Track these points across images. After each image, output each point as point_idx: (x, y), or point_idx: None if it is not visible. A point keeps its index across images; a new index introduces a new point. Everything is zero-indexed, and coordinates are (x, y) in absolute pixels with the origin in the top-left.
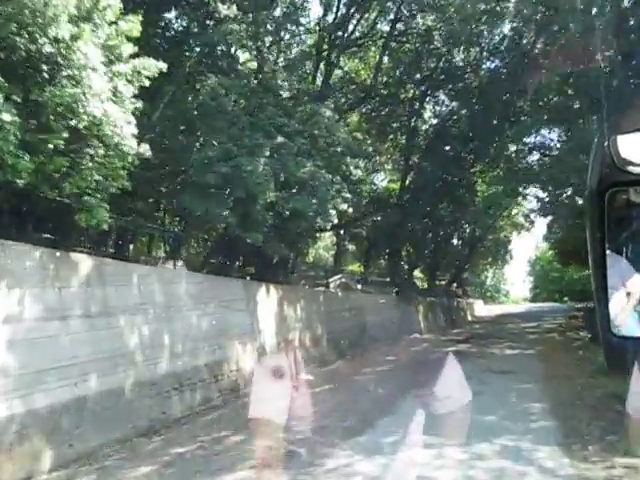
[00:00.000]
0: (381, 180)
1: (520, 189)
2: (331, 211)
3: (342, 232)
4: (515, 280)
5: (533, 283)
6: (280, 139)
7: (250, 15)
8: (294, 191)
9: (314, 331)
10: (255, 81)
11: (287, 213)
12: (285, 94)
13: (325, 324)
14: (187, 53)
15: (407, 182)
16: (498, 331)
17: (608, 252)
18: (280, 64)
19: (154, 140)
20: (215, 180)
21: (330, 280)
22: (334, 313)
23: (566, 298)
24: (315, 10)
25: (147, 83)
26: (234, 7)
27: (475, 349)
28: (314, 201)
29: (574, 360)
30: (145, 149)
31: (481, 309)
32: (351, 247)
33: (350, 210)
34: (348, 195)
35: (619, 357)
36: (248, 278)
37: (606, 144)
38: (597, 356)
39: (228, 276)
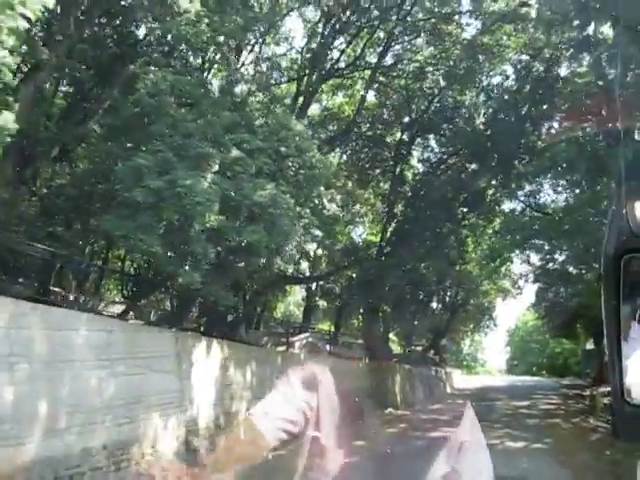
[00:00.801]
0: (359, 234)
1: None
2: (294, 250)
3: (314, 286)
4: (492, 349)
5: (511, 354)
6: (236, 152)
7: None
8: (247, 221)
9: None
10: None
11: (239, 248)
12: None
13: None
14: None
15: (388, 234)
16: (488, 411)
17: (624, 319)
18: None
19: (87, 152)
20: (144, 197)
21: (295, 339)
22: None
23: (544, 372)
24: (298, 40)
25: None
26: (197, 3)
27: None
28: (273, 235)
29: (604, 465)
30: (7, 120)
31: (459, 380)
32: (322, 303)
33: (320, 251)
34: (319, 233)
35: (633, 426)
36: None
37: (623, 210)
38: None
39: (178, 328)
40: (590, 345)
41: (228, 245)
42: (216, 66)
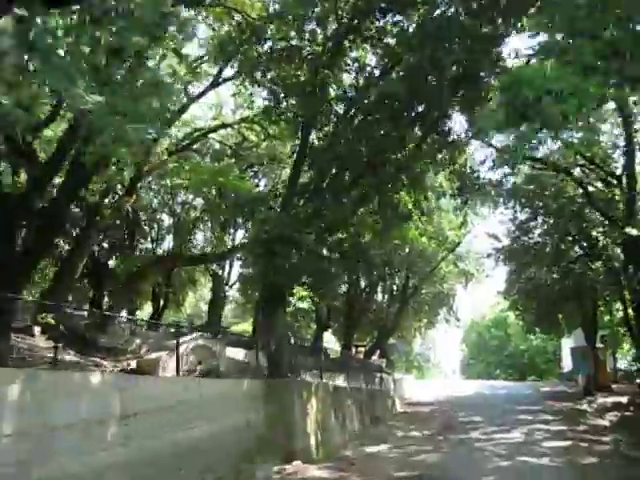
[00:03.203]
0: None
1: None
2: None
3: (224, 270)
4: (445, 348)
5: (467, 353)
6: None
7: None
8: None
9: None
10: None
11: None
12: None
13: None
14: None
15: (301, 175)
16: (468, 465)
17: None
18: None
19: None
20: None
21: (180, 341)
22: (90, 429)
23: (498, 372)
24: None
25: None
26: None
27: None
28: None
29: None
30: None
31: (412, 389)
32: (233, 294)
33: None
34: None
35: None
36: None
37: None
38: None
39: None
40: (574, 341)
41: None
42: None
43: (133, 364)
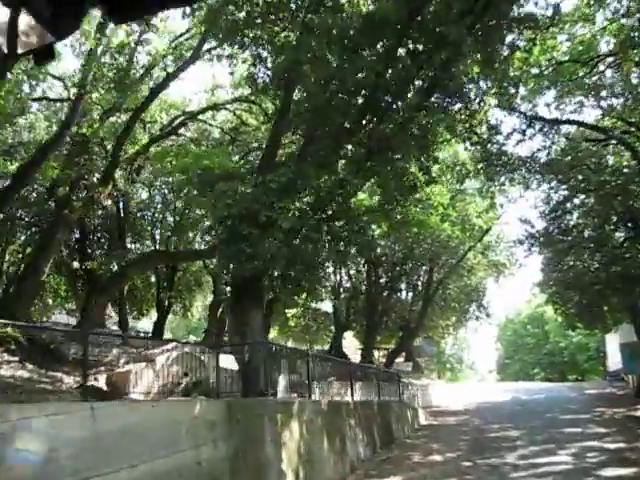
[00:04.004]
0: None
1: None
2: None
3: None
4: (479, 347)
5: (502, 352)
6: None
7: None
8: None
9: None
10: None
11: None
12: None
13: None
14: None
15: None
16: None
17: None
18: None
19: None
20: None
21: (156, 351)
22: None
23: (537, 371)
24: None
25: None
26: None
27: None
28: None
29: None
30: None
31: (439, 396)
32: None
33: None
34: None
35: None
36: None
37: None
38: None
39: None
40: (621, 337)
41: None
42: None
43: (102, 379)
